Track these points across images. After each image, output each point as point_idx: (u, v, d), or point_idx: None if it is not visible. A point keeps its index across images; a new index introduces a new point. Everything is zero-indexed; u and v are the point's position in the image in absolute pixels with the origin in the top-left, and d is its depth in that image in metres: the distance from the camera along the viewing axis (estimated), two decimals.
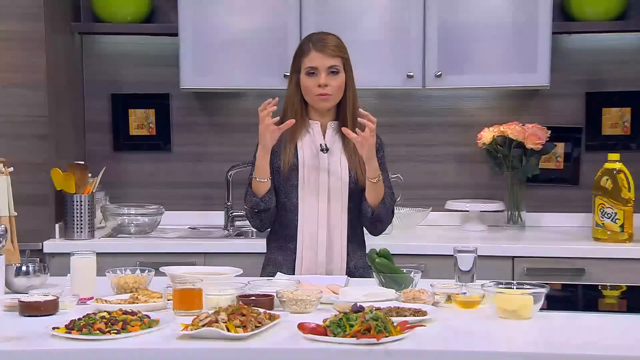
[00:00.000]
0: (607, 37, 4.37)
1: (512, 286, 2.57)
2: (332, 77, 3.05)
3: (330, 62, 3.05)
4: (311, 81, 3.05)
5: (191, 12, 4.14)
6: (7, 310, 2.55)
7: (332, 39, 3.10)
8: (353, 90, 3.11)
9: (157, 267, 2.89)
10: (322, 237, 3.07)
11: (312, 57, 3.06)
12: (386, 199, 3.08)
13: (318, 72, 3.05)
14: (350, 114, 3.08)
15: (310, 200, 3.07)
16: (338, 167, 3.08)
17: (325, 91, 3.05)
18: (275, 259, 3.14)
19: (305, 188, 3.07)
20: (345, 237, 3.09)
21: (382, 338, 2.17)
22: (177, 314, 2.45)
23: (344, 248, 3.09)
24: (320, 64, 3.05)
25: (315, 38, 3.11)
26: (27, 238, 3.42)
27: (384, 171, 3.13)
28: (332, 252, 3.08)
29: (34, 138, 3.91)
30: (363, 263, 3.13)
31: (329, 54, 3.05)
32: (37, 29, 3.88)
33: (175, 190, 4.54)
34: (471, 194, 4.47)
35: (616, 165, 3.95)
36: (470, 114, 4.48)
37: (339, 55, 3.08)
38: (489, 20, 4.10)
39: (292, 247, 3.10)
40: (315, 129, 3.11)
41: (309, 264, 3.08)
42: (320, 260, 3.07)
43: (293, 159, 3.07)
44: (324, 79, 3.04)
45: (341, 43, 3.12)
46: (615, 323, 2.48)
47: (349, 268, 3.10)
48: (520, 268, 3.85)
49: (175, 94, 4.47)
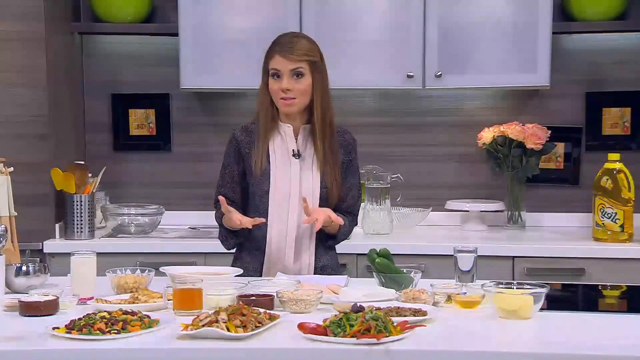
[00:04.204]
0: (608, 37, 4.37)
1: (512, 286, 2.57)
2: (296, 80, 2.99)
3: (293, 66, 2.98)
4: (276, 85, 3.01)
5: (191, 12, 4.15)
6: (7, 310, 2.55)
7: (299, 42, 3.02)
8: (324, 93, 3.03)
9: (157, 267, 2.89)
10: (291, 241, 3.05)
11: (276, 60, 3.00)
12: (344, 230, 3.10)
13: (281, 74, 2.99)
14: (320, 118, 3.02)
15: (281, 207, 3.04)
16: (310, 173, 3.05)
17: (287, 95, 3.00)
18: (243, 258, 3.14)
19: (277, 194, 3.04)
20: (314, 241, 3.08)
21: (382, 338, 2.17)
22: (177, 314, 2.45)
23: (312, 250, 3.08)
24: (282, 67, 2.98)
25: (283, 41, 3.03)
26: (27, 238, 3.42)
27: (354, 173, 3.13)
28: (300, 256, 3.06)
29: (34, 138, 3.91)
30: (333, 262, 3.14)
31: (292, 58, 2.97)
32: (37, 29, 3.88)
33: (175, 190, 4.54)
34: (471, 194, 4.47)
35: (616, 165, 3.95)
36: (471, 114, 4.48)
37: (305, 59, 2.99)
38: (489, 20, 4.10)
39: (259, 251, 3.08)
40: (288, 133, 3.07)
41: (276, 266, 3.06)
42: (288, 262, 3.05)
43: (265, 163, 3.04)
44: (285, 83, 2.98)
45: (310, 46, 3.03)
46: (615, 323, 2.48)
47: (317, 268, 3.09)
48: (520, 268, 3.85)
49: (175, 94, 4.47)
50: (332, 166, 3.04)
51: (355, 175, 3.15)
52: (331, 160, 3.04)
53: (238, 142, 3.10)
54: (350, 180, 3.12)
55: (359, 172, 3.19)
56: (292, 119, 3.08)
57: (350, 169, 3.12)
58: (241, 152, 3.09)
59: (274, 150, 3.06)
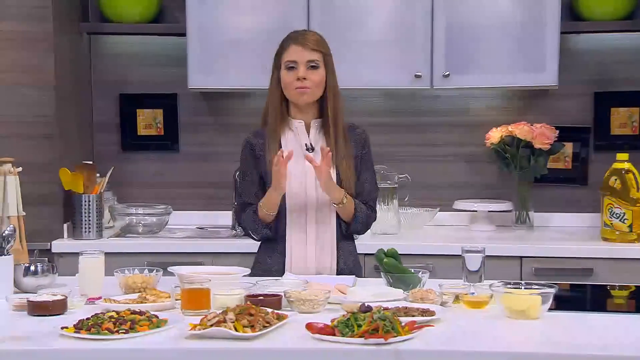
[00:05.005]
0: (616, 37, 4.36)
1: (520, 286, 2.57)
2: (312, 71, 3.03)
3: (310, 56, 3.04)
4: (290, 75, 3.04)
5: (198, 12, 4.15)
6: (16, 310, 2.55)
7: (312, 35, 3.11)
8: (334, 87, 3.09)
9: (165, 267, 2.89)
10: (312, 238, 3.06)
11: (291, 51, 3.05)
12: (358, 215, 3.07)
13: (297, 65, 3.03)
14: (332, 111, 3.06)
15: (298, 203, 3.06)
16: None
17: (304, 84, 3.03)
18: (264, 260, 3.14)
19: (293, 188, 3.05)
20: (335, 238, 3.09)
21: (390, 338, 2.17)
22: (185, 314, 2.46)
23: (334, 249, 3.08)
24: (299, 57, 3.03)
25: (295, 34, 3.11)
26: (35, 238, 3.43)
27: (368, 168, 3.14)
28: (322, 253, 3.07)
29: (42, 138, 3.92)
30: (353, 262, 3.14)
31: (308, 47, 3.04)
32: (45, 29, 3.89)
33: (183, 190, 4.54)
34: (479, 194, 4.46)
35: (625, 165, 3.94)
36: (478, 114, 4.47)
37: (319, 50, 3.06)
38: (497, 20, 4.09)
39: (280, 249, 3.09)
40: (300, 128, 3.09)
41: (298, 266, 3.06)
42: (310, 261, 3.06)
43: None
44: (302, 72, 3.02)
45: (322, 39, 3.11)
46: (623, 323, 2.47)
47: (339, 267, 3.10)
48: (529, 268, 3.84)
49: (183, 94, 4.47)
50: (345, 159, 3.04)
51: (370, 168, 3.16)
52: (344, 153, 3.04)
53: (252, 146, 3.11)
54: (365, 174, 3.12)
55: (373, 165, 3.18)
56: (303, 113, 3.09)
57: (364, 163, 3.13)
58: (256, 154, 3.10)
59: (286, 145, 3.06)
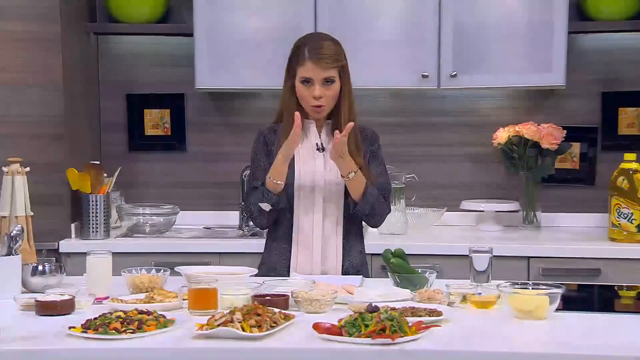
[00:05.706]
0: (623, 37, 4.35)
1: (527, 286, 2.56)
2: (327, 87, 3.00)
3: (326, 75, 2.99)
4: (306, 91, 3.01)
5: (206, 12, 4.15)
6: (24, 310, 2.56)
7: (328, 47, 3.01)
8: (349, 93, 3.06)
9: (172, 267, 2.90)
10: (318, 237, 3.06)
11: (307, 68, 2.99)
12: (367, 196, 3.01)
13: (313, 82, 3.00)
14: (346, 115, 3.04)
15: (306, 201, 3.06)
16: (334, 166, 3.03)
17: (319, 103, 3.01)
18: (270, 258, 3.14)
19: (302, 188, 3.05)
20: (341, 237, 3.09)
21: (397, 338, 2.17)
22: (192, 314, 2.46)
23: (339, 248, 3.08)
24: (315, 75, 2.99)
25: (312, 45, 3.01)
26: (43, 238, 3.44)
27: (379, 163, 3.13)
28: (327, 252, 3.07)
29: (49, 138, 3.92)
30: (360, 261, 3.13)
31: (324, 66, 2.98)
32: (53, 29, 3.90)
33: (190, 190, 4.55)
34: (486, 194, 4.46)
35: (632, 165, 3.93)
36: (486, 114, 4.47)
37: (335, 66, 3.00)
38: (504, 20, 4.08)
39: (286, 247, 3.09)
40: (311, 129, 3.10)
41: (303, 264, 3.07)
42: (316, 261, 3.06)
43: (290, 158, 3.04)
44: (318, 91, 2.99)
45: (339, 49, 3.04)
46: (631, 324, 2.47)
47: (344, 267, 3.10)
48: (536, 268, 3.84)
49: (190, 94, 4.48)
50: (356, 159, 3.04)
51: (381, 164, 3.15)
52: (355, 153, 3.03)
53: (265, 138, 3.12)
54: (377, 169, 3.11)
55: (384, 161, 3.17)
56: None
57: (375, 159, 3.12)
58: (268, 147, 3.10)
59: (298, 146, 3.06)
